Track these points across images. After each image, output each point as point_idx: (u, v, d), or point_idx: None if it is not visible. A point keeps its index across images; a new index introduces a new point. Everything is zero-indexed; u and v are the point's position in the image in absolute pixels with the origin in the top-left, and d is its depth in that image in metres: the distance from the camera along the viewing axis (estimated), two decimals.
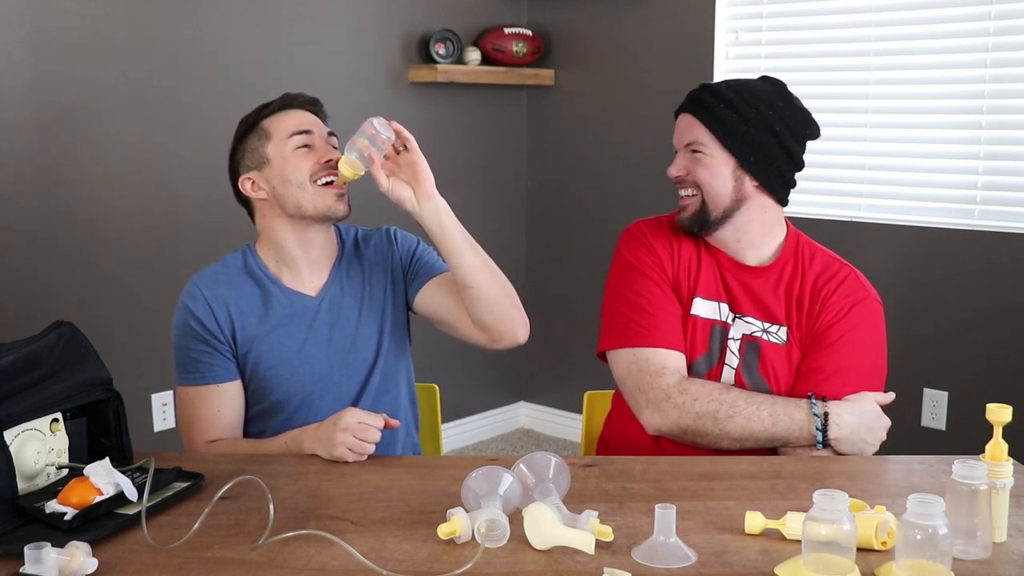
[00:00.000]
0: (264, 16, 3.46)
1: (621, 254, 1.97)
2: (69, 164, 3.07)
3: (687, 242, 1.93)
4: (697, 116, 1.87)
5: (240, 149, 1.91)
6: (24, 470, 1.45)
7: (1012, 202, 3.27)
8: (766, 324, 1.87)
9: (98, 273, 3.17)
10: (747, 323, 1.88)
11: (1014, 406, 1.45)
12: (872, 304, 1.89)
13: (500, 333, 1.84)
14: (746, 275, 1.90)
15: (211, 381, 1.85)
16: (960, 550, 1.33)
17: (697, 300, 1.89)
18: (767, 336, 1.86)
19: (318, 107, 1.95)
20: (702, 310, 1.89)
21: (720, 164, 1.85)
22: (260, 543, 1.34)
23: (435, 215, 1.79)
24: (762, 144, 1.84)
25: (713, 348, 1.87)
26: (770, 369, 1.85)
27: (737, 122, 1.84)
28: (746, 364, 1.86)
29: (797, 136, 1.88)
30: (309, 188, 1.84)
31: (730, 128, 1.84)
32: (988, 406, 1.40)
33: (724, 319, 1.88)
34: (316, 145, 1.87)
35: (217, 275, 1.90)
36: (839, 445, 1.78)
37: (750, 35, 3.75)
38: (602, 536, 1.34)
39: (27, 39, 2.94)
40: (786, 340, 1.86)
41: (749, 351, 1.86)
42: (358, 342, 1.91)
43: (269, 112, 1.90)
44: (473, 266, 1.80)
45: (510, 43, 4.06)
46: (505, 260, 4.35)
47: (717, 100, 1.86)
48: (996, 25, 3.23)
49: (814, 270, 1.90)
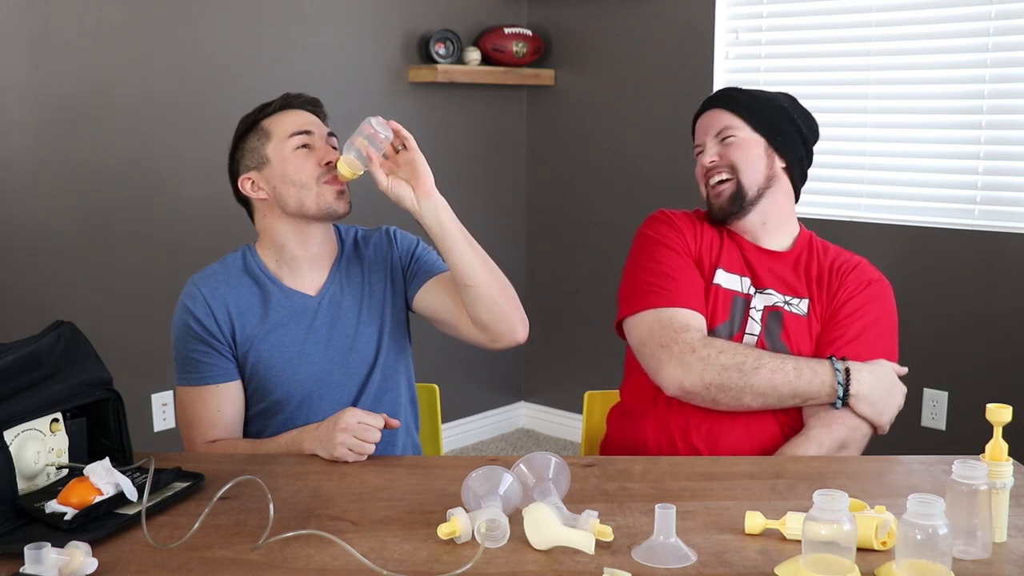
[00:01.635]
0: (264, 16, 3.46)
1: (643, 232, 2.03)
2: (69, 164, 3.07)
3: (709, 228, 2.02)
4: (725, 107, 2.00)
5: (240, 149, 1.91)
6: (24, 470, 1.45)
7: (1012, 202, 3.27)
8: (788, 297, 1.94)
9: (98, 273, 3.17)
10: (769, 295, 1.94)
11: (1014, 406, 1.45)
12: (886, 285, 1.99)
13: (499, 332, 1.84)
14: (767, 257, 1.98)
15: (210, 381, 1.85)
16: (960, 550, 1.32)
17: (719, 272, 1.96)
18: (789, 307, 1.93)
19: (318, 107, 1.95)
20: (724, 281, 1.95)
21: (752, 144, 1.97)
22: (260, 543, 1.34)
23: (434, 213, 1.79)
24: (784, 128, 1.98)
25: (735, 316, 1.92)
26: (792, 337, 1.90)
27: (762, 106, 1.99)
28: (768, 332, 1.91)
29: (809, 129, 2.02)
30: (311, 188, 1.84)
31: (757, 111, 1.97)
32: (988, 406, 1.40)
33: (746, 291, 1.94)
34: (316, 145, 1.86)
35: (217, 275, 1.90)
36: (858, 403, 1.82)
37: (750, 35, 3.75)
38: (602, 536, 1.34)
39: (28, 40, 2.94)
40: (807, 312, 1.92)
41: (772, 320, 1.91)
42: (358, 342, 1.91)
43: (269, 112, 1.90)
44: (472, 265, 1.80)
45: (510, 43, 4.06)
46: (505, 260, 4.35)
47: (739, 93, 2.02)
48: (996, 25, 3.23)
49: (829, 256, 2.00)
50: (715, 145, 1.99)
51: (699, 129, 2.03)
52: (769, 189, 1.97)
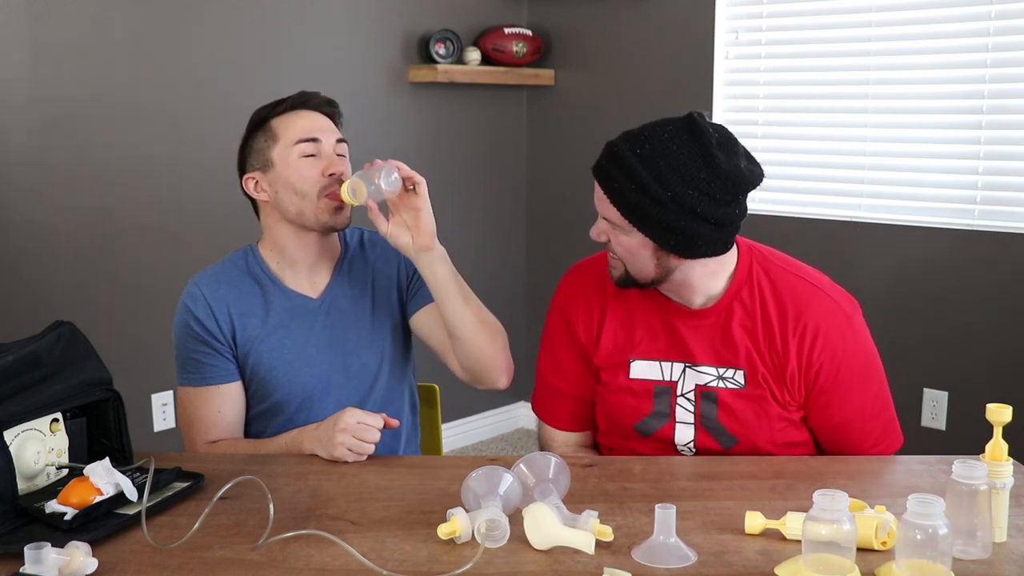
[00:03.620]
0: (264, 16, 3.46)
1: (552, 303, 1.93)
2: (70, 165, 3.07)
3: (630, 294, 1.80)
4: (608, 195, 1.66)
5: (247, 146, 1.88)
6: (24, 470, 1.45)
7: (1012, 202, 3.26)
8: (721, 370, 1.76)
9: (98, 273, 3.17)
10: (700, 373, 1.76)
11: (1014, 406, 1.45)
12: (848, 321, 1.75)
13: (481, 379, 1.87)
14: (694, 319, 1.77)
15: (211, 382, 1.85)
16: (960, 550, 1.32)
17: (635, 364, 1.80)
18: (723, 383, 1.75)
19: (334, 108, 1.90)
20: (641, 372, 1.79)
21: (638, 245, 1.67)
22: (260, 543, 1.34)
23: (431, 265, 1.77)
24: (683, 227, 1.62)
25: (660, 407, 1.78)
26: (730, 417, 1.76)
27: (651, 207, 1.61)
28: (704, 416, 1.76)
29: (728, 202, 1.63)
30: (312, 198, 1.81)
31: (643, 214, 1.62)
32: (988, 406, 1.40)
33: (668, 378, 1.78)
34: (322, 153, 1.82)
35: (218, 275, 1.89)
36: None
37: (750, 35, 3.75)
38: (602, 536, 1.34)
39: (28, 42, 2.94)
40: (743, 384, 1.75)
41: (705, 403, 1.76)
42: (360, 346, 1.90)
43: (280, 111, 1.85)
44: (463, 318, 1.80)
45: (510, 43, 4.06)
46: (505, 260, 4.37)
47: (628, 180, 1.62)
48: (996, 25, 3.23)
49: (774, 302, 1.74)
50: (602, 225, 1.70)
51: (595, 191, 1.70)
52: (670, 275, 1.71)
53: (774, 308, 1.74)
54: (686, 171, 1.60)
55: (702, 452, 1.79)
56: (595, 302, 1.84)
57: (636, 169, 1.62)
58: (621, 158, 1.64)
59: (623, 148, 1.65)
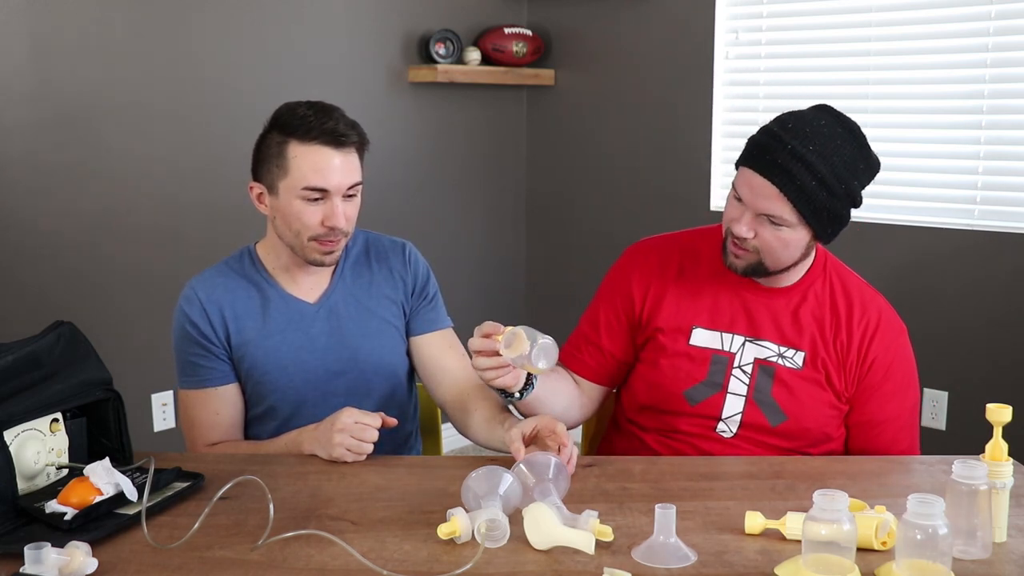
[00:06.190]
0: (264, 16, 3.46)
1: (612, 268, 1.97)
2: (69, 164, 3.07)
3: (700, 268, 1.86)
4: (786, 192, 1.66)
5: (262, 152, 1.80)
6: (24, 470, 1.45)
7: (1012, 202, 3.26)
8: (783, 348, 1.81)
9: (98, 273, 3.16)
10: (761, 347, 1.81)
11: (1014, 406, 1.45)
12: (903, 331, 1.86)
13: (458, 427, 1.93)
14: (768, 297, 1.83)
15: (208, 384, 1.85)
16: (960, 550, 1.33)
17: (696, 331, 1.83)
18: (782, 361, 1.80)
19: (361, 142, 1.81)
20: (701, 340, 1.83)
21: (799, 238, 1.71)
22: (260, 543, 1.34)
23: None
24: (844, 215, 1.73)
25: (715, 376, 1.81)
26: (785, 392, 1.79)
27: (828, 200, 1.67)
28: (758, 389, 1.79)
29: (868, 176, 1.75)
30: (303, 239, 1.78)
31: (820, 206, 1.67)
32: (988, 406, 1.40)
33: (727, 349, 1.82)
34: (327, 201, 1.76)
35: (214, 278, 1.88)
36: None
37: (750, 35, 3.75)
38: (602, 536, 1.34)
39: (28, 43, 2.94)
40: (801, 365, 1.80)
41: (762, 376, 1.80)
42: (359, 353, 1.89)
43: (300, 134, 1.74)
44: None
45: (510, 43, 4.06)
46: (505, 260, 4.37)
47: (808, 174, 1.65)
48: (996, 25, 3.23)
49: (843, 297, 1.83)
50: (755, 220, 1.70)
51: (743, 182, 1.70)
52: (797, 264, 1.78)
53: (843, 301, 1.83)
54: (852, 163, 1.68)
55: (746, 427, 1.80)
56: (656, 274, 1.89)
57: (816, 166, 1.65)
58: (799, 155, 1.65)
59: (796, 145, 1.65)
